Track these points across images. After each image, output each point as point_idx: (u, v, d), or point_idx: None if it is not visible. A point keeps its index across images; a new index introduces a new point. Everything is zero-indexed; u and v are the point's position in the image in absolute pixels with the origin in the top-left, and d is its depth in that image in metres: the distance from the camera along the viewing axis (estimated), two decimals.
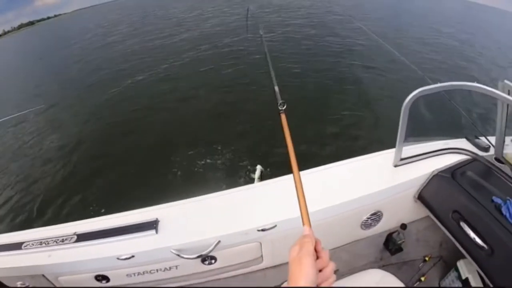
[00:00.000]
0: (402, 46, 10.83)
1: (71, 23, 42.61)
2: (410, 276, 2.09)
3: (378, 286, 1.48)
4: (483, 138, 2.09)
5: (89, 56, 14.61)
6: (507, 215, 1.64)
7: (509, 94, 1.60)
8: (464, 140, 2.10)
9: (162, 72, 10.09)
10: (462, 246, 1.70)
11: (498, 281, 1.57)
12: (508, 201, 1.68)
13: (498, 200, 1.70)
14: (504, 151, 2.14)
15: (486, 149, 2.05)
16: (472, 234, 1.64)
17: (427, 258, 2.15)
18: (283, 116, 1.25)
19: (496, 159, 2.02)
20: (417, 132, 2.09)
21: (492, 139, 2.01)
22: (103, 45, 16.66)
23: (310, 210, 1.62)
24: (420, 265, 2.14)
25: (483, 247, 1.60)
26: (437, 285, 2.10)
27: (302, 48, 10.92)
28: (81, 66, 13.23)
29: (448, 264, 2.10)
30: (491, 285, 1.66)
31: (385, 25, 14.97)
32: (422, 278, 2.07)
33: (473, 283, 1.83)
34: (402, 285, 1.50)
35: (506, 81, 1.59)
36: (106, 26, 24.12)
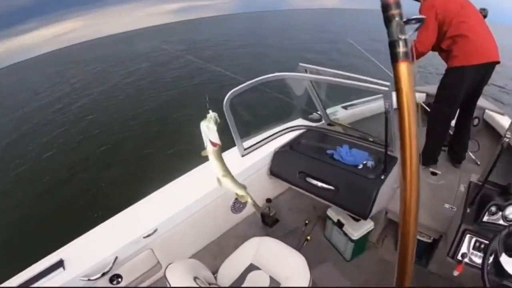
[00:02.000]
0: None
1: None
2: (297, 240, 2.39)
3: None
4: (316, 113, 2.62)
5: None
6: (339, 158, 2.11)
7: (306, 72, 2.09)
8: (300, 119, 2.58)
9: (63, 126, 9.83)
10: (319, 197, 2.10)
11: (350, 208, 2.01)
12: (337, 149, 2.16)
13: (330, 152, 2.18)
14: (335, 117, 2.71)
15: (318, 120, 2.57)
16: (319, 184, 2.06)
17: (307, 222, 2.50)
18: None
19: (329, 124, 2.56)
20: (258, 125, 2.53)
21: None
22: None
23: (181, 207, 1.87)
24: (303, 229, 2.47)
25: (330, 189, 2.03)
26: (324, 238, 2.47)
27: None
28: None
29: (325, 218, 2.49)
30: (350, 215, 2.13)
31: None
32: (308, 238, 2.39)
33: (343, 221, 2.22)
34: (277, 241, 1.79)
35: (300, 64, 2.07)
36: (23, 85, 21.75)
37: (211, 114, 1.32)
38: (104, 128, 8.56)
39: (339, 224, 2.24)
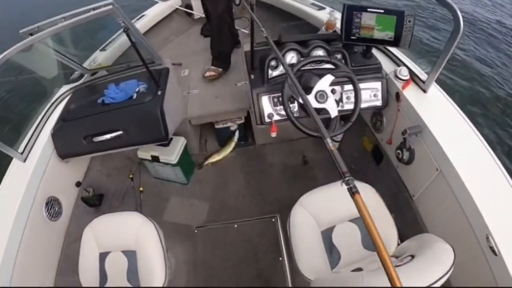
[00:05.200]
0: None
1: None
2: (134, 198, 2.30)
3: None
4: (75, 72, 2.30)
5: None
6: (111, 100, 1.93)
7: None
8: (63, 86, 2.23)
9: None
10: (115, 148, 1.92)
11: (147, 140, 1.92)
12: (105, 94, 1.95)
13: (100, 100, 1.96)
14: (97, 63, 2.44)
15: (81, 76, 2.27)
16: (108, 136, 1.86)
17: (131, 176, 2.38)
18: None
19: (92, 75, 2.29)
20: (24, 117, 2.18)
21: None
22: None
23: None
24: (132, 184, 2.35)
25: (120, 135, 1.86)
26: (154, 179, 2.42)
27: None
28: None
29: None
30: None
31: None
32: (141, 189, 2.32)
33: (156, 153, 2.16)
34: (106, 216, 1.64)
35: (21, 31, 1.70)
36: None
37: None
38: None
39: (155, 159, 2.16)
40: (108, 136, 1.87)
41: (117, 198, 2.31)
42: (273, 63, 1.72)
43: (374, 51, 1.82)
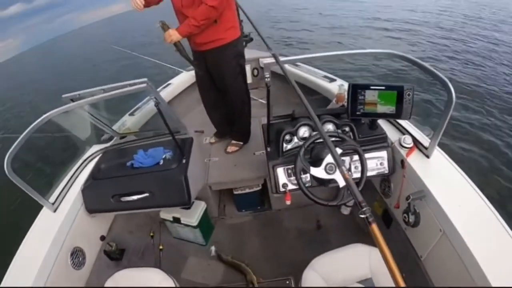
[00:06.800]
0: None
1: None
2: (153, 255, 2.40)
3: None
4: (106, 133, 2.52)
5: None
6: (140, 165, 2.11)
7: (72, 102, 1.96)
8: (94, 146, 2.45)
9: None
10: (141, 208, 2.08)
11: (171, 204, 2.07)
12: (134, 157, 2.14)
13: (129, 163, 2.14)
14: (126, 126, 2.67)
15: (111, 138, 2.49)
16: (135, 197, 2.01)
17: (152, 234, 2.48)
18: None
19: (122, 138, 2.51)
20: (57, 170, 2.36)
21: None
22: None
23: None
24: (152, 242, 2.45)
25: (146, 197, 2.00)
26: (174, 239, 2.53)
27: None
28: None
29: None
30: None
31: None
32: (161, 247, 2.40)
33: (178, 215, 2.30)
34: (127, 270, 1.74)
35: (63, 96, 1.95)
36: None
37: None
38: None
39: (176, 220, 2.29)
40: (135, 197, 2.02)
41: (137, 254, 2.41)
42: (287, 137, 1.88)
43: (380, 120, 1.97)
